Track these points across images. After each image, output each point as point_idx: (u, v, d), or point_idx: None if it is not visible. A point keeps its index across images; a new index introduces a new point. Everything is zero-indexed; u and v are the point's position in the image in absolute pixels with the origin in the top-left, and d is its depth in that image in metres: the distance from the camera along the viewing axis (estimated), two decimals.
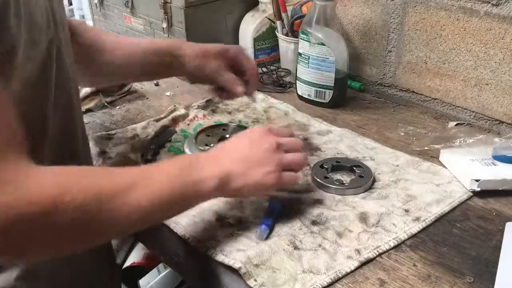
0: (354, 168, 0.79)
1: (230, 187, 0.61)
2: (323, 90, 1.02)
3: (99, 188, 0.50)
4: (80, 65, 0.73)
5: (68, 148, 0.66)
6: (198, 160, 0.62)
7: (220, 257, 0.63)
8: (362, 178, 0.77)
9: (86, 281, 0.72)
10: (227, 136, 0.83)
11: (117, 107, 1.05)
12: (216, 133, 0.84)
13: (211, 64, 0.81)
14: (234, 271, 0.61)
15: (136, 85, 1.13)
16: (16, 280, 0.60)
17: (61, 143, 0.63)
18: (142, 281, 1.19)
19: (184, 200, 0.59)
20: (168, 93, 1.11)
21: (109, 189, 0.51)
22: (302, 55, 1.02)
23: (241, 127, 0.85)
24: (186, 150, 0.80)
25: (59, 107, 0.62)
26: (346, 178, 0.79)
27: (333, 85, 1.01)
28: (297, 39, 1.05)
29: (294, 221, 0.69)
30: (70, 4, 1.63)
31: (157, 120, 0.97)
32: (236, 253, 0.63)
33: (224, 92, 0.84)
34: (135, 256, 1.25)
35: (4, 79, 0.49)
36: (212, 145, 0.80)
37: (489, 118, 0.96)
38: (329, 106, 1.04)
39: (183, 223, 0.69)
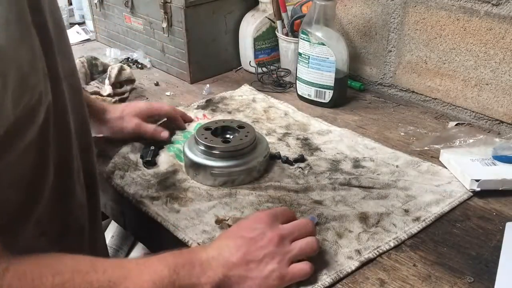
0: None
1: None
2: (323, 90, 1.02)
3: None
4: None
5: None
6: (193, 262, 0.56)
7: None
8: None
9: None
10: (227, 136, 0.83)
11: None
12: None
13: (131, 122, 0.88)
14: None
15: (136, 85, 1.13)
16: None
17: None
18: None
19: None
20: (168, 93, 1.11)
21: None
22: (302, 55, 1.02)
23: (241, 127, 0.85)
24: (186, 150, 0.80)
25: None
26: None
27: (333, 85, 1.01)
28: (297, 39, 1.05)
29: None
30: (70, 4, 1.63)
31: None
32: None
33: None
34: (135, 256, 1.25)
35: None
36: (211, 140, 0.79)
37: (489, 118, 0.96)
38: (329, 106, 1.04)
39: (182, 225, 0.69)
